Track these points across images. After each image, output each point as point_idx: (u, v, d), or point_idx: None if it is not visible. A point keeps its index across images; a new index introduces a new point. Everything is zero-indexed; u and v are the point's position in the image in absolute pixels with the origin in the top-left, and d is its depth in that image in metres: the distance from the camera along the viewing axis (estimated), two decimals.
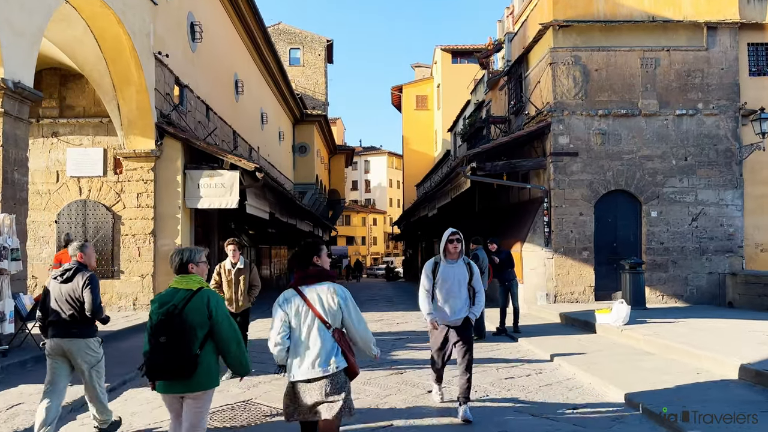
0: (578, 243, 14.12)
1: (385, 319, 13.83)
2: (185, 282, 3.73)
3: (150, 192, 13.87)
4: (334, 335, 3.53)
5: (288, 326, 3.56)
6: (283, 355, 3.57)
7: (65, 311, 4.80)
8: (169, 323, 3.54)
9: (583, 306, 13.33)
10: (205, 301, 3.64)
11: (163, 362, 3.51)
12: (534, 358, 8.30)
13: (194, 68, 17.10)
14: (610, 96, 14.36)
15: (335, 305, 3.58)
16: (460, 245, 5.67)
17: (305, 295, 3.58)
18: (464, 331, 5.67)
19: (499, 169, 14.37)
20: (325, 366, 3.47)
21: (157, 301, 3.70)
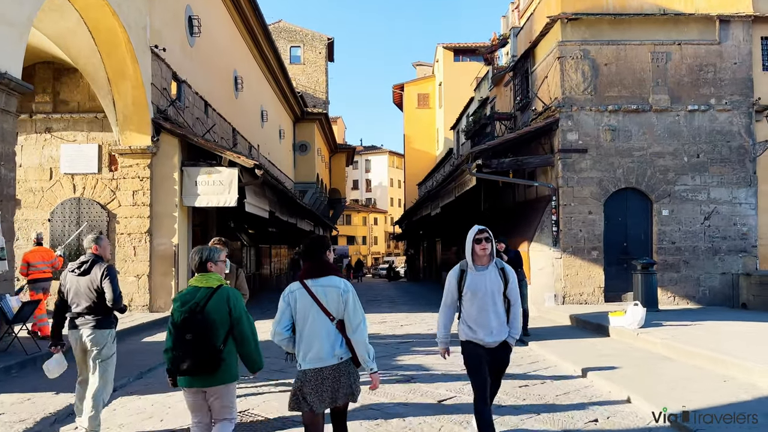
0: (587, 242, 13.70)
1: (388, 321, 13.42)
2: (205, 280, 3.82)
3: (146, 190, 13.47)
4: (337, 327, 3.61)
5: (290, 318, 3.65)
6: (286, 344, 3.68)
7: (83, 303, 4.82)
8: (192, 321, 3.65)
9: (593, 307, 12.92)
10: (225, 298, 3.76)
11: (190, 359, 3.60)
12: (547, 365, 7.88)
13: (192, 63, 16.69)
14: (620, 91, 13.94)
15: (337, 298, 3.63)
16: (490, 246, 4.39)
17: (310, 288, 3.65)
18: (500, 361, 4.46)
19: (505, 167, 13.95)
20: (330, 356, 3.56)
21: (179, 300, 3.77)
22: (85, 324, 4.83)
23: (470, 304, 4.42)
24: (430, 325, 12.37)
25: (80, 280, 4.85)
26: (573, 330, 10.87)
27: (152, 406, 6.05)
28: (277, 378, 7.08)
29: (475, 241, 4.41)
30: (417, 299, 20.27)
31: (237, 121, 21.68)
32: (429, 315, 14.52)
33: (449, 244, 26.67)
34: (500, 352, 4.43)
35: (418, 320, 13.47)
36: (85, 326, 4.83)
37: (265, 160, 26.32)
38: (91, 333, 4.82)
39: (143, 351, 9.03)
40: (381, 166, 78.68)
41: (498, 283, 4.42)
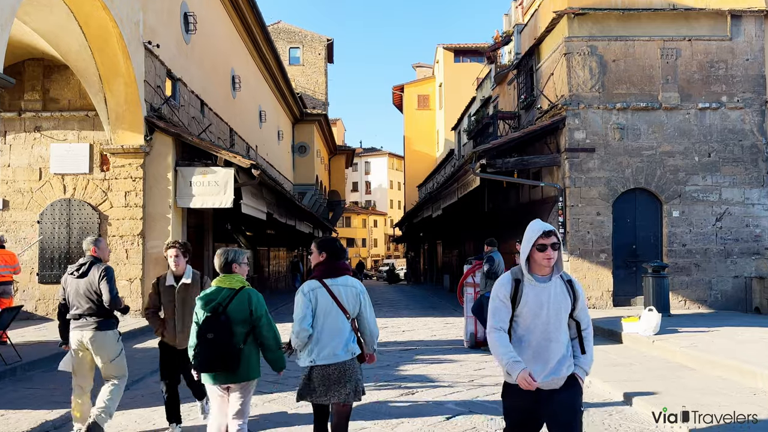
0: (595, 245, 13.25)
1: (389, 326, 12.95)
2: (228, 281, 3.96)
3: (139, 190, 13.03)
4: (352, 325, 3.80)
5: (312, 314, 3.72)
6: (305, 342, 3.73)
7: (83, 305, 4.88)
8: (215, 320, 3.79)
9: (602, 312, 12.47)
10: (247, 299, 3.90)
11: (212, 356, 3.75)
12: None
13: (188, 61, 16.25)
14: (629, 88, 13.50)
15: (355, 298, 3.81)
16: (557, 252, 3.20)
17: (329, 287, 3.77)
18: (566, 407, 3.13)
19: (510, 166, 13.51)
20: (344, 352, 3.71)
21: (203, 299, 3.91)
22: (87, 326, 4.87)
23: (523, 325, 3.20)
24: (434, 331, 11.92)
25: (79, 282, 4.90)
26: None
27: (135, 422, 5.59)
28: (270, 390, 6.62)
29: (537, 246, 3.17)
30: (419, 303, 19.81)
31: (234, 121, 21.25)
32: (431, 320, 14.09)
33: (451, 247, 26.24)
34: (565, 395, 3.13)
35: (421, 325, 13.02)
36: (86, 328, 4.87)
37: (263, 161, 25.87)
38: (92, 335, 4.87)
39: (132, 359, 8.51)
40: (381, 168, 78.34)
41: (565, 299, 3.20)
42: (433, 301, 20.49)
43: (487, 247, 9.26)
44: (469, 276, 9.60)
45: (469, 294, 9.59)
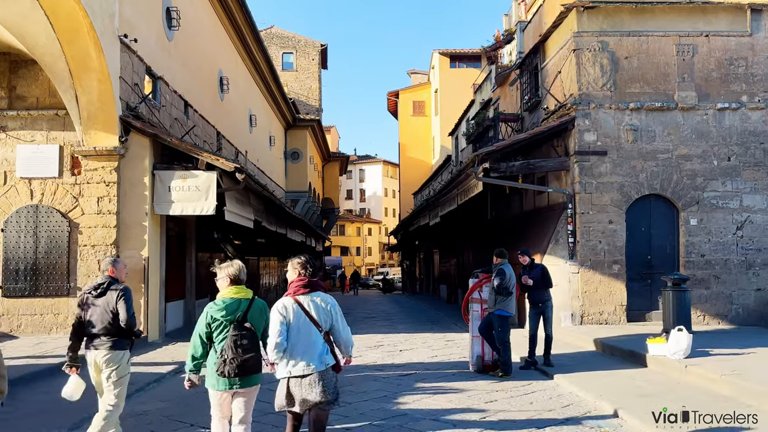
0: (608, 255, 12.27)
1: (385, 343, 11.90)
2: (243, 292, 4.26)
3: (113, 196, 11.97)
4: (324, 337, 4.01)
5: (286, 329, 3.94)
6: (280, 355, 3.94)
7: (99, 325, 4.95)
8: (243, 327, 4.04)
9: (615, 329, 11.48)
10: (261, 307, 4.24)
11: (243, 362, 3.95)
12: (584, 409, 6.37)
13: (170, 59, 15.24)
14: (643, 87, 12.57)
15: (326, 312, 4.06)
16: None
17: (301, 303, 4.03)
18: None
19: (515, 170, 12.53)
20: (317, 363, 3.90)
21: (224, 309, 4.11)
22: (102, 345, 4.95)
23: None
24: (434, 350, 10.87)
25: (96, 302, 4.99)
26: (600, 358, 9.39)
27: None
28: None
29: None
30: (416, 316, 18.74)
31: (222, 124, 20.22)
32: (431, 336, 13.02)
33: (449, 256, 25.21)
34: None
35: (419, 343, 11.97)
36: (101, 347, 4.95)
37: (253, 167, 24.84)
38: (106, 354, 4.94)
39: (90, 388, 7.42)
40: (375, 175, 77.59)
41: None
42: (431, 314, 19.44)
43: (496, 258, 8.24)
44: (475, 291, 8.57)
45: (476, 311, 8.56)
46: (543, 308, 8.71)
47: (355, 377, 8.03)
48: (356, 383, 7.64)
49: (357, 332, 13.64)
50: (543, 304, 8.73)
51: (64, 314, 11.83)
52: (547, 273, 8.85)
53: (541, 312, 8.73)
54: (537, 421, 5.83)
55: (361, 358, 9.55)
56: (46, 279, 11.83)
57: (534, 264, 8.88)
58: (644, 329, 11.39)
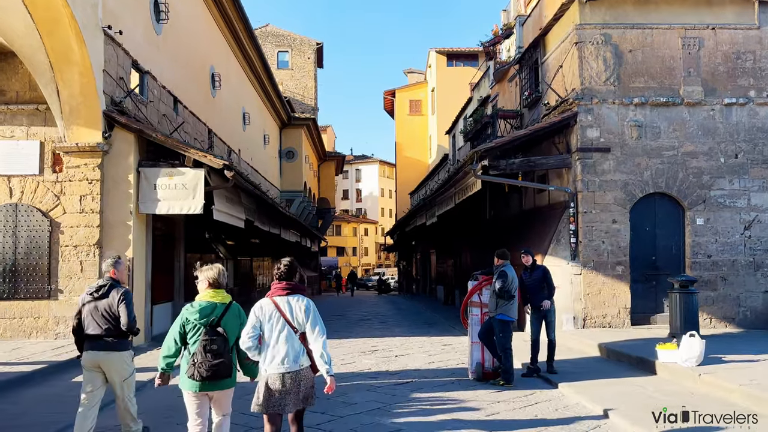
0: (611, 256, 11.82)
1: (380, 348, 11.41)
2: (220, 296, 4.28)
3: (96, 194, 11.48)
4: (300, 339, 4.11)
5: (259, 329, 4.09)
6: (253, 352, 4.09)
7: (101, 326, 4.98)
8: (214, 332, 4.12)
9: (619, 333, 11.03)
10: (237, 312, 4.31)
11: (213, 366, 4.04)
12: (596, 425, 5.88)
13: (159, 53, 14.74)
14: (647, 81, 12.13)
15: (302, 315, 4.10)
16: None
17: (278, 304, 4.13)
18: None
19: (515, 168, 12.08)
20: (292, 363, 4.04)
21: (198, 312, 4.17)
22: (102, 347, 4.97)
23: None
24: (431, 355, 10.39)
25: (98, 304, 5.02)
26: (606, 364, 8.93)
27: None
28: None
29: None
30: (412, 319, 18.26)
31: (214, 122, 19.72)
32: (427, 340, 12.54)
33: (446, 256, 24.75)
34: None
35: (416, 347, 11.49)
36: (101, 349, 4.97)
37: (246, 166, 24.36)
38: (107, 355, 4.97)
39: (63, 398, 6.93)
40: (371, 175, 77.12)
41: None
42: (428, 316, 18.98)
43: (497, 259, 7.76)
44: (474, 294, 8.09)
45: (475, 316, 8.08)
46: (545, 312, 8.24)
47: (347, 386, 7.55)
48: (349, 393, 7.17)
49: (352, 336, 13.17)
50: (544, 308, 8.27)
51: (45, 318, 11.33)
52: (548, 274, 8.38)
53: (543, 316, 8.27)
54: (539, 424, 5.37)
55: (355, 365, 9.08)
56: (25, 281, 11.33)
57: (536, 265, 8.41)
58: (649, 333, 10.96)
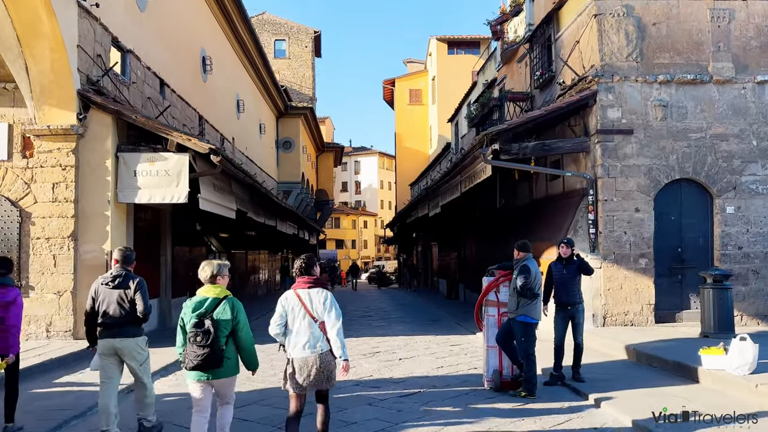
0: (634, 248, 10.84)
1: (381, 349, 10.42)
2: (214, 291, 4.55)
3: (70, 182, 10.48)
4: (320, 327, 4.55)
5: (285, 318, 4.58)
6: (281, 339, 4.62)
7: (116, 313, 5.20)
8: (201, 324, 4.38)
9: (644, 332, 10.06)
10: (230, 306, 4.52)
11: (200, 356, 4.34)
12: None
13: (143, 31, 13.68)
14: (673, 57, 11.11)
15: (321, 307, 4.55)
16: None
17: (300, 296, 4.59)
18: None
19: (528, 152, 11.06)
20: (313, 348, 4.50)
21: (191, 306, 4.49)
22: (118, 333, 5.18)
23: None
24: (439, 358, 9.39)
25: (113, 292, 5.22)
26: (637, 369, 7.94)
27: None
28: None
29: None
30: (414, 314, 17.27)
31: (205, 108, 18.68)
32: (433, 339, 11.56)
33: (448, 248, 23.75)
34: None
35: (421, 348, 10.51)
36: (117, 335, 5.18)
37: (241, 155, 23.33)
38: (123, 341, 5.19)
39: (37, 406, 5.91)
40: (371, 167, 76.11)
41: None
42: (431, 312, 18.00)
43: (518, 252, 6.75)
44: (491, 292, 7.10)
45: (492, 317, 7.08)
46: (573, 312, 7.26)
47: (346, 398, 6.58)
48: (348, 408, 6.20)
49: (351, 335, 12.18)
50: (573, 307, 7.28)
51: None
52: (586, 266, 7.39)
53: (571, 316, 7.29)
54: None
55: (354, 371, 8.11)
56: None
57: (572, 257, 7.38)
58: (676, 332, 10.00)
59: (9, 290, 5.43)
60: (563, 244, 7.43)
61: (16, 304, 5.39)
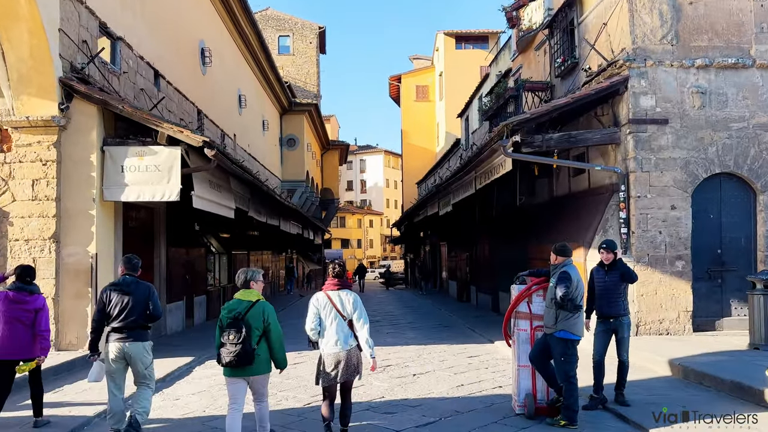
0: (669, 249, 9.86)
1: (392, 361, 9.47)
2: (247, 295, 5.01)
3: (51, 178, 9.60)
4: (349, 324, 5.11)
5: (319, 317, 5.14)
6: (315, 337, 5.15)
7: (126, 318, 5.40)
8: (235, 325, 4.81)
9: (683, 342, 9.09)
10: (261, 310, 4.94)
11: (233, 354, 4.75)
12: None
13: (135, 18, 12.79)
14: (711, 39, 10.12)
15: (350, 306, 5.12)
16: None
17: (331, 297, 5.14)
18: None
19: (553, 144, 10.08)
20: (343, 344, 5.04)
21: (226, 308, 4.96)
22: (127, 337, 5.41)
23: None
24: (458, 374, 8.40)
25: (124, 298, 5.43)
26: (684, 388, 6.94)
27: None
28: None
29: None
30: (425, 318, 16.31)
31: (205, 102, 17.79)
32: (448, 349, 10.59)
33: (459, 249, 22.77)
34: None
35: (436, 360, 9.55)
36: (126, 339, 5.41)
37: (243, 152, 22.43)
38: (131, 345, 5.42)
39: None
40: (376, 166, 75.24)
41: None
42: (443, 316, 17.05)
43: (556, 256, 5.78)
44: (522, 302, 6.13)
45: (523, 331, 6.10)
46: (616, 325, 6.29)
47: (355, 429, 5.63)
48: None
49: None
50: (616, 320, 6.30)
51: None
52: (629, 274, 6.41)
53: (614, 330, 6.32)
54: None
55: (363, 389, 7.18)
56: None
57: (615, 263, 6.40)
58: (719, 343, 9.02)
59: (37, 297, 5.88)
60: (603, 248, 6.43)
61: (44, 310, 5.87)
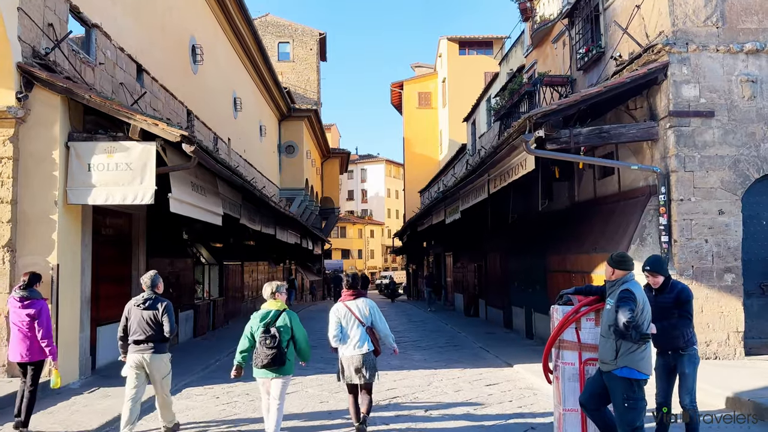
0: (717, 260, 8.58)
1: (399, 393, 8.12)
2: (275, 305, 5.68)
3: (7, 178, 8.36)
4: (366, 330, 5.77)
5: (340, 325, 5.81)
6: (337, 344, 5.81)
7: (146, 332, 5.86)
8: (268, 331, 5.46)
9: (738, 369, 7.80)
10: (288, 317, 5.61)
11: (267, 357, 5.37)
12: None
13: (115, 5, 11.61)
14: (762, 21, 8.91)
15: (367, 312, 5.85)
16: None
17: (349, 306, 5.86)
18: None
19: (581, 141, 8.85)
20: (361, 347, 5.70)
21: (257, 318, 5.60)
22: (147, 350, 5.86)
23: None
24: (478, 408, 7.09)
25: (143, 313, 5.90)
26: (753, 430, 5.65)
27: None
28: None
29: None
30: (432, 337, 14.96)
31: (195, 103, 16.60)
32: (461, 375, 9.28)
33: (466, 260, 21.45)
34: None
35: (450, 389, 8.24)
36: (146, 351, 5.86)
37: (238, 158, 21.22)
38: (151, 357, 5.86)
39: None
40: (377, 175, 74.06)
41: None
42: (451, 333, 15.71)
43: (614, 270, 4.46)
44: (568, 328, 4.83)
45: (570, 365, 4.77)
46: (675, 360, 4.96)
47: None
48: None
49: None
50: (682, 351, 4.96)
51: None
52: (686, 298, 5.04)
53: (674, 363, 4.99)
54: None
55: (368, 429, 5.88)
56: None
57: (667, 284, 5.04)
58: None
59: (33, 302, 6.33)
60: (648, 271, 5.02)
61: (42, 316, 6.34)
